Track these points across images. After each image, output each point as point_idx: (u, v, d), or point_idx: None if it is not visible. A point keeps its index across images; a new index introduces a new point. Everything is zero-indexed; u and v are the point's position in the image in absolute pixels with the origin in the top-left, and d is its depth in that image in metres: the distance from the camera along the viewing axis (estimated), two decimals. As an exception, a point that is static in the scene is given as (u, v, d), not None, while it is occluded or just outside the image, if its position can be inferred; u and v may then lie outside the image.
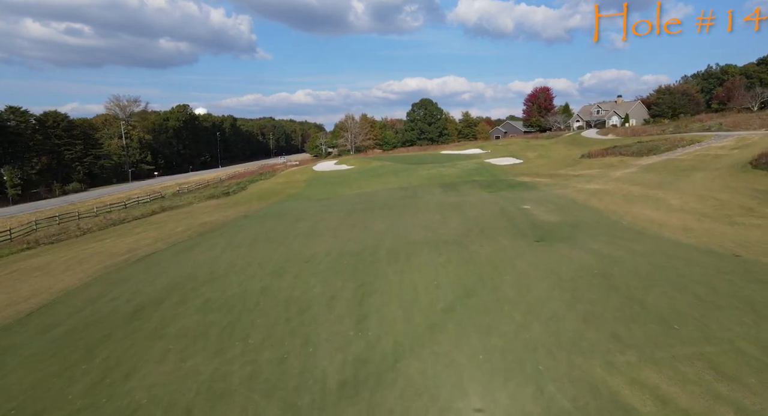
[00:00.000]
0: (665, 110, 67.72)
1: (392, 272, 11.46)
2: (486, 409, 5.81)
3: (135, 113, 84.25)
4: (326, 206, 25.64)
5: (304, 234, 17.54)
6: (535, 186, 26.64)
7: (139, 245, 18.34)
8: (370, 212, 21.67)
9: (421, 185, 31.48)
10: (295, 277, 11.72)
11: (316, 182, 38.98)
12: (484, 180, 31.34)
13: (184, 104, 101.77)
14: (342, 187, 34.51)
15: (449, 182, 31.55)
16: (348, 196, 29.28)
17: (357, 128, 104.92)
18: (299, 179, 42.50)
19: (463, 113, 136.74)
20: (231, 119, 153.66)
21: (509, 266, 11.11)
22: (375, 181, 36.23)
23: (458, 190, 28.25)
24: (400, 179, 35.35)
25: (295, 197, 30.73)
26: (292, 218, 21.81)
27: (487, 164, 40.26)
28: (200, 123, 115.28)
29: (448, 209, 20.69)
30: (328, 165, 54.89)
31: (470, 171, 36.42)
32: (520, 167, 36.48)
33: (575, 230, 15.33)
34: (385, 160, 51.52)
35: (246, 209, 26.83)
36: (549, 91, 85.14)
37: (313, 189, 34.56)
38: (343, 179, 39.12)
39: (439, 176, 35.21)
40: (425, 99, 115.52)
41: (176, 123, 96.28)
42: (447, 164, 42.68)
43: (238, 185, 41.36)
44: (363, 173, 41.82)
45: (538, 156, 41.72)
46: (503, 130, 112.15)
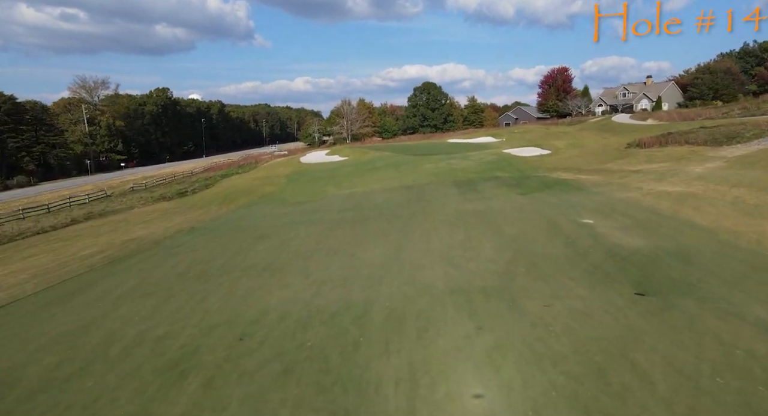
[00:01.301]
0: (705, 91, 61.39)
1: (392, 377, 5.75)
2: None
3: (107, 97, 77.87)
4: (304, 214, 19.83)
5: (258, 268, 11.76)
6: (581, 186, 20.79)
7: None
8: (362, 226, 15.87)
9: (429, 182, 25.63)
10: (204, 389, 6.00)
11: (299, 178, 33.11)
12: (510, 177, 25.46)
13: (163, 87, 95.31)
14: (329, 185, 28.65)
15: (465, 180, 25.68)
16: (335, 198, 23.46)
17: (354, 115, 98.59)
18: (280, 174, 36.60)
19: (469, 98, 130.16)
20: (219, 104, 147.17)
21: (629, 369, 5.38)
22: (371, 177, 30.36)
23: (479, 190, 22.40)
24: (403, 175, 29.47)
25: (268, 199, 24.91)
26: (251, 235, 16.01)
27: (508, 156, 34.34)
28: (183, 108, 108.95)
29: (473, 222, 14.90)
30: (318, 156, 48.96)
31: (489, 165, 30.52)
32: (550, 160, 30.57)
33: (691, 267, 9.52)
34: (384, 150, 45.56)
35: (199, 216, 21.04)
36: (568, 71, 78.61)
37: (294, 188, 28.71)
38: (333, 174, 33.24)
39: (450, 170, 29.31)
40: (428, 83, 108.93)
41: (154, 108, 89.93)
42: (457, 156, 36.76)
43: (206, 180, 35.49)
44: (357, 167, 35.93)
45: (568, 146, 35.76)
46: (514, 116, 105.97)
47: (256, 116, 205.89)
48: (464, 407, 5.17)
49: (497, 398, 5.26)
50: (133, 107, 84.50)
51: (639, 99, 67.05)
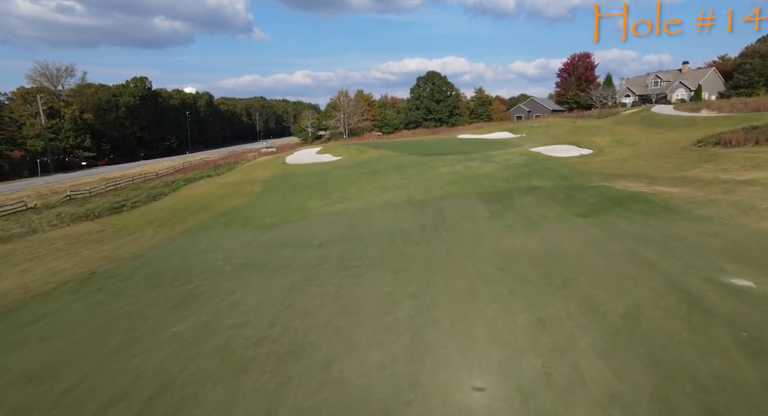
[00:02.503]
0: (755, 78, 55.03)
1: None
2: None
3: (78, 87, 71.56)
4: (268, 249, 13.84)
5: (132, 408, 5.87)
6: (669, 204, 14.83)
7: None
8: (352, 284, 9.94)
9: (446, 195, 19.64)
10: None
11: (278, 185, 27.14)
12: (555, 188, 19.47)
13: (141, 76, 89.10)
14: (314, 196, 22.67)
15: (495, 191, 19.69)
16: (318, 220, 17.47)
17: (351, 107, 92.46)
18: (257, 178, 30.65)
19: (477, 89, 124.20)
20: (207, 96, 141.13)
21: None
22: (369, 184, 24.39)
23: (519, 209, 16.43)
24: (410, 183, 23.50)
25: (228, 219, 18.94)
26: (170, 296, 10.09)
27: (540, 156, 28.33)
28: (165, 100, 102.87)
29: (536, 281, 9.01)
30: (307, 155, 42.98)
31: (520, 169, 24.53)
32: (598, 163, 24.55)
33: None
34: (384, 147, 39.55)
35: (117, 249, 15.05)
36: (590, 58, 72.04)
37: (268, 200, 22.71)
38: (321, 180, 27.26)
39: (472, 176, 23.33)
40: (433, 72, 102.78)
41: (130, 99, 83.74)
42: (476, 156, 30.77)
43: (164, 187, 29.56)
44: (352, 170, 29.95)
45: (613, 143, 29.69)
46: (526, 108, 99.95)
47: (250, 109, 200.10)
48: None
49: None
50: (106, 98, 78.30)
51: (674, 88, 60.75)
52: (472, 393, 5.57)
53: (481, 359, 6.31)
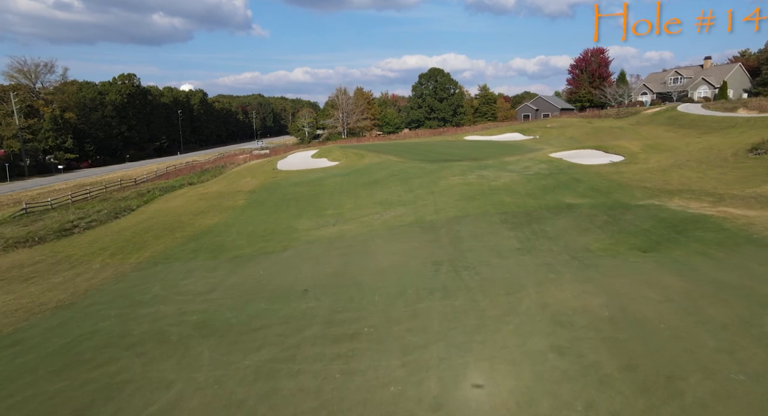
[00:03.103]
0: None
1: None
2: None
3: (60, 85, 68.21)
4: (233, 298, 10.65)
5: None
6: (762, 238, 11.70)
7: None
8: (343, 372, 6.83)
9: (462, 216, 16.50)
10: None
11: (265, 198, 24.01)
12: (593, 206, 16.32)
13: (129, 72, 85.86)
14: (305, 214, 19.53)
15: (520, 211, 16.53)
16: (305, 249, 14.33)
17: (350, 106, 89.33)
18: (242, 188, 27.53)
19: (481, 86, 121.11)
20: (201, 94, 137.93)
21: None
22: (368, 198, 21.25)
23: (555, 239, 13.27)
24: (416, 197, 20.37)
25: (197, 246, 15.77)
26: (76, 393, 7.00)
27: (563, 164, 25.19)
28: (156, 98, 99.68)
29: (615, 373, 5.97)
30: (301, 159, 39.86)
31: (543, 179, 21.40)
32: (636, 172, 21.39)
33: None
34: (386, 151, 36.41)
35: (40, 297, 11.74)
36: (604, 53, 68.75)
37: (249, 219, 19.55)
38: (313, 192, 24.13)
39: (488, 190, 20.19)
40: (435, 69, 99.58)
41: (117, 97, 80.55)
42: (489, 163, 27.64)
43: (137, 198, 26.43)
44: (349, 179, 26.83)
45: (647, 148, 26.52)
46: (534, 107, 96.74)
47: (247, 106, 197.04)
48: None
49: None
50: (91, 96, 75.10)
51: (696, 85, 57.47)
52: None
53: None
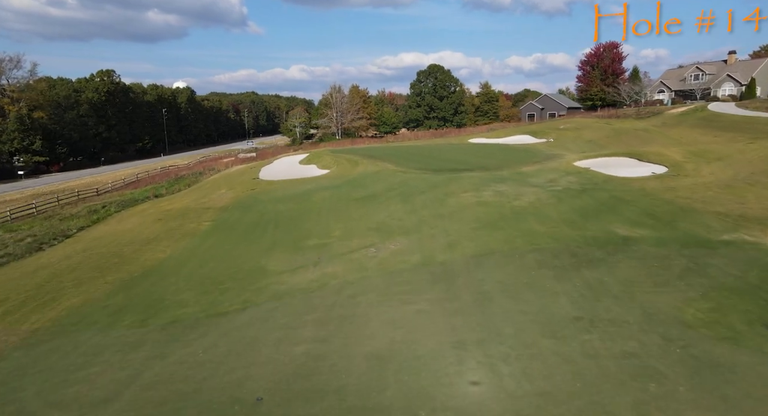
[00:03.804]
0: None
1: None
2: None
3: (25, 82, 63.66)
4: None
5: None
6: None
7: None
8: None
9: (483, 253, 12.64)
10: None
11: (235, 219, 20.09)
12: (658, 242, 12.50)
13: (107, 69, 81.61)
14: (281, 245, 15.63)
15: (559, 246, 12.66)
16: (270, 312, 10.33)
17: (345, 104, 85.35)
18: (213, 204, 23.62)
19: (482, 84, 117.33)
20: (188, 92, 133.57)
21: None
22: (361, 222, 17.38)
23: (624, 298, 9.40)
24: (421, 221, 16.53)
25: (124, 301, 11.77)
26: None
27: (597, 177, 21.41)
28: (138, 96, 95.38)
29: None
30: (288, 165, 35.96)
31: (576, 197, 17.59)
32: (693, 189, 17.61)
33: None
34: (382, 158, 32.57)
35: None
36: (618, 48, 64.84)
37: (208, 252, 15.62)
38: (296, 212, 20.24)
39: (511, 212, 16.36)
40: (435, 65, 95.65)
41: (94, 95, 76.29)
42: (504, 174, 23.85)
43: (87, 216, 22.49)
44: (340, 193, 22.97)
45: (691, 157, 22.72)
46: (539, 106, 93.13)
47: (239, 105, 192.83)
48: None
49: None
50: (65, 93, 70.83)
51: (720, 82, 53.76)
52: None
53: None
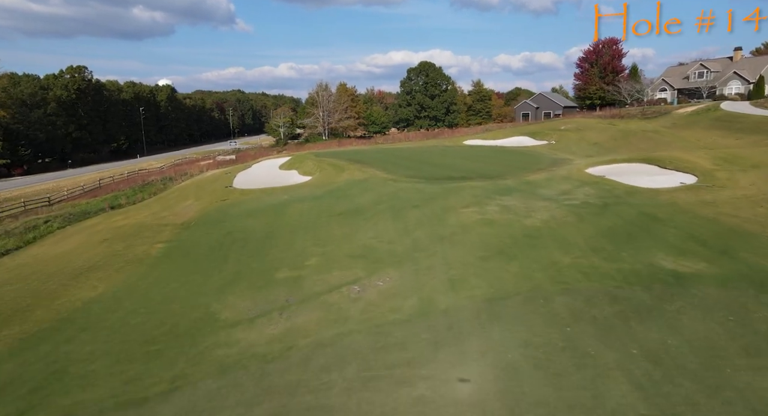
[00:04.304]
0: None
1: None
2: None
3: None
4: None
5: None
6: None
7: None
8: None
9: (494, 297, 9.91)
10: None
11: (194, 242, 17.14)
12: (723, 278, 9.90)
13: (79, 65, 77.65)
14: (241, 277, 12.71)
15: (595, 291, 9.97)
16: (209, 396, 7.50)
17: (332, 103, 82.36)
18: (175, 220, 20.62)
19: (474, 82, 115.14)
20: (169, 89, 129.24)
21: None
22: (343, 245, 14.55)
23: (716, 387, 6.71)
24: (414, 245, 13.76)
25: (12, 369, 8.86)
26: None
27: (617, 188, 18.84)
28: (113, 94, 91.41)
29: None
30: (267, 170, 33.03)
31: (599, 215, 14.97)
32: (735, 203, 15.09)
33: None
34: (370, 162, 29.79)
35: None
36: (617, 44, 62.73)
37: (148, 293, 12.60)
38: (268, 230, 17.35)
39: (523, 236, 13.67)
40: (426, 63, 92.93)
41: (63, 93, 72.43)
42: (509, 183, 21.22)
43: (20, 235, 19.38)
44: (321, 204, 20.11)
45: (723, 164, 20.26)
46: (534, 104, 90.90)
47: (224, 103, 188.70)
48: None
49: None
50: (30, 91, 66.95)
51: (727, 80, 51.88)
52: None
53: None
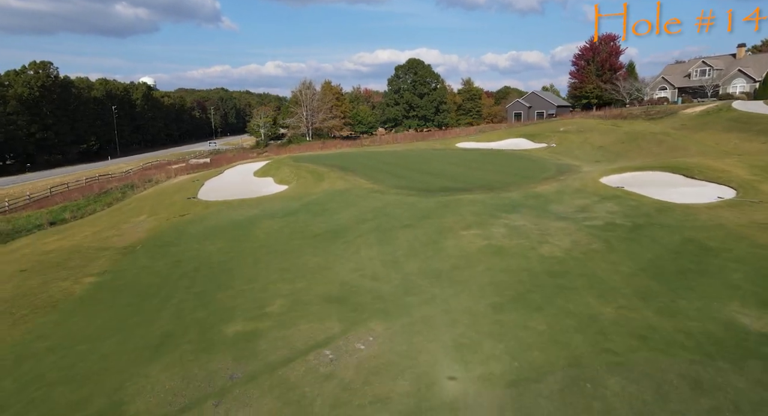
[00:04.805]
0: None
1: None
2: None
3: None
4: None
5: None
6: None
7: None
8: None
9: (519, 378, 7.20)
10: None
11: (130, 278, 14.12)
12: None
13: (43, 60, 73.37)
14: (178, 337, 9.80)
15: (664, 370, 7.28)
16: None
17: (316, 102, 79.27)
18: (117, 243, 17.52)
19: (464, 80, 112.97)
20: (144, 87, 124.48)
21: None
22: (317, 282, 11.66)
23: None
24: (405, 284, 10.96)
25: None
26: None
27: (645, 204, 16.24)
28: (82, 92, 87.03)
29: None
30: (241, 176, 29.98)
31: (634, 240, 12.34)
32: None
33: None
34: (354, 169, 26.94)
35: None
36: (615, 40, 60.61)
37: (46, 364, 9.69)
38: (227, 257, 14.38)
39: (543, 271, 10.96)
40: (414, 60, 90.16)
41: (25, 91, 68.21)
42: (514, 196, 18.54)
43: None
44: (294, 222, 17.19)
45: (759, 173, 17.88)
46: (526, 104, 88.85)
47: (206, 101, 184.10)
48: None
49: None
50: (-13, 88, 62.81)
51: (731, 78, 50.08)
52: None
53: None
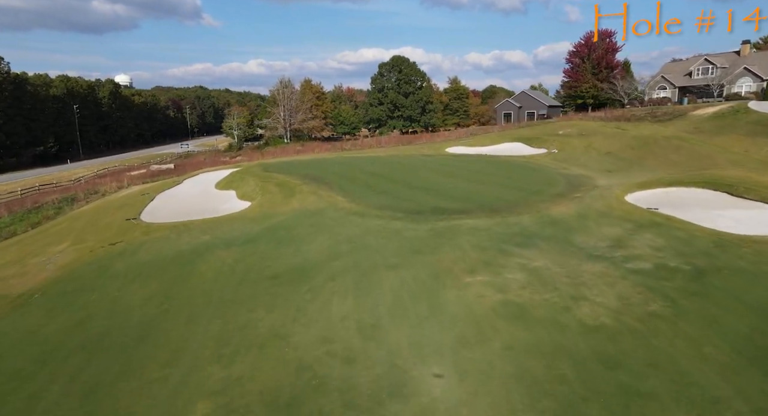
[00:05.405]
0: None
1: None
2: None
3: None
4: None
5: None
6: None
7: None
8: None
9: None
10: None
11: (8, 348, 10.37)
12: None
13: (-7, 56, 67.99)
14: None
15: None
16: None
17: (295, 102, 75.38)
18: (15, 289, 13.69)
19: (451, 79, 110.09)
20: (111, 85, 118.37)
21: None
22: (266, 367, 8.11)
23: None
24: (393, 374, 7.51)
25: None
26: None
27: (703, 238, 13.05)
28: (40, 90, 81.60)
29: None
30: (201, 188, 26.19)
31: (704, 297, 9.12)
32: None
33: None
34: (331, 181, 23.42)
35: None
36: (612, 37, 58.00)
37: None
38: (155, 311, 10.73)
39: (592, 354, 7.68)
40: (399, 57, 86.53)
41: (-27, 90, 63.02)
42: (526, 221, 15.24)
43: None
44: (252, 254, 13.56)
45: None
46: (516, 104, 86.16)
47: (181, 100, 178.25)
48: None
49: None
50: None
51: (736, 77, 47.75)
52: None
53: None
